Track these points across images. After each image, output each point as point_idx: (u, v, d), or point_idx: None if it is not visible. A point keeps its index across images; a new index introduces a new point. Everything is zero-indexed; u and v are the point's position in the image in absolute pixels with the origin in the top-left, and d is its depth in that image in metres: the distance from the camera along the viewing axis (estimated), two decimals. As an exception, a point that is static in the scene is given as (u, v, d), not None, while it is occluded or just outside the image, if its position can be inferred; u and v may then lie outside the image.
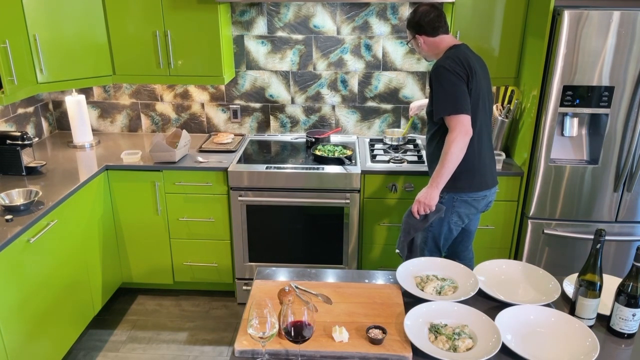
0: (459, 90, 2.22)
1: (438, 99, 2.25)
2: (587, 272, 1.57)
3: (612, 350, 1.54)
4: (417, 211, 2.31)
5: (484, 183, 2.39)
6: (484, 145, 2.37)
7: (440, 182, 2.25)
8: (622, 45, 2.48)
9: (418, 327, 1.57)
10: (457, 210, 2.38)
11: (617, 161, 2.68)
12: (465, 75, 2.23)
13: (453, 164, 2.22)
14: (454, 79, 2.22)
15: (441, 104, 2.24)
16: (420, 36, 2.37)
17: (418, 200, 2.30)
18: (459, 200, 2.36)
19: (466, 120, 2.21)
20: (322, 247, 3.02)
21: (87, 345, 2.88)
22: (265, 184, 2.90)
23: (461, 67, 2.23)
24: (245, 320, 1.59)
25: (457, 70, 2.22)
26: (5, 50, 2.53)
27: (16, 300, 2.22)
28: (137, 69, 3.06)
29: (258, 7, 3.21)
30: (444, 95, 2.23)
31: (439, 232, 2.42)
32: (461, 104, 2.21)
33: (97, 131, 3.57)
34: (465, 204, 2.38)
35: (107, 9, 2.94)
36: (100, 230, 2.92)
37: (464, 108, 2.21)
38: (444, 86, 2.23)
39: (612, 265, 2.86)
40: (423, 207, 2.29)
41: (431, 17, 2.33)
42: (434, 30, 2.34)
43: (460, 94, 2.22)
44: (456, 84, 2.22)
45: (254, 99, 3.44)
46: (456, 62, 2.24)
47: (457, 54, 2.28)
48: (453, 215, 2.39)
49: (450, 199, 2.36)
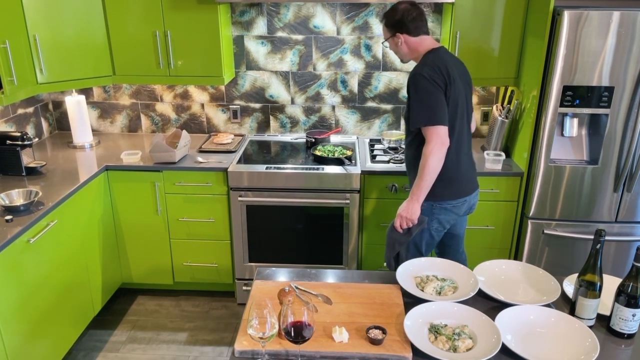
0: (436, 100, 2.16)
1: (415, 108, 2.19)
2: (587, 272, 1.57)
3: (612, 350, 1.54)
4: (400, 225, 2.28)
5: (462, 191, 2.36)
6: (462, 153, 2.33)
7: (420, 195, 2.21)
8: (622, 46, 2.49)
9: (418, 327, 1.57)
10: (437, 217, 2.35)
11: (617, 161, 2.68)
12: (443, 84, 2.17)
13: (432, 177, 2.18)
14: (431, 88, 2.16)
15: (418, 114, 2.18)
16: (401, 35, 2.27)
17: (400, 215, 2.26)
18: (438, 207, 2.33)
19: (443, 132, 2.16)
20: (322, 247, 3.02)
21: (87, 345, 2.88)
22: (265, 184, 2.90)
23: (439, 75, 2.17)
24: (245, 320, 1.59)
25: (435, 79, 2.16)
26: (5, 50, 2.53)
27: (16, 300, 2.22)
28: (137, 69, 3.06)
29: (258, 8, 3.21)
30: (421, 105, 2.17)
31: (419, 238, 2.39)
32: (438, 115, 2.15)
33: (97, 131, 3.57)
34: (444, 210, 2.35)
35: (107, 9, 2.94)
36: (100, 230, 2.92)
37: (441, 119, 2.15)
38: (421, 95, 2.17)
39: (612, 265, 2.86)
40: (405, 221, 2.26)
41: (414, 16, 2.24)
42: (415, 30, 2.26)
43: (437, 104, 2.16)
44: (434, 94, 2.16)
45: (254, 100, 3.44)
46: (434, 70, 2.17)
47: (435, 61, 2.20)
48: (433, 222, 2.36)
49: (429, 206, 2.32)
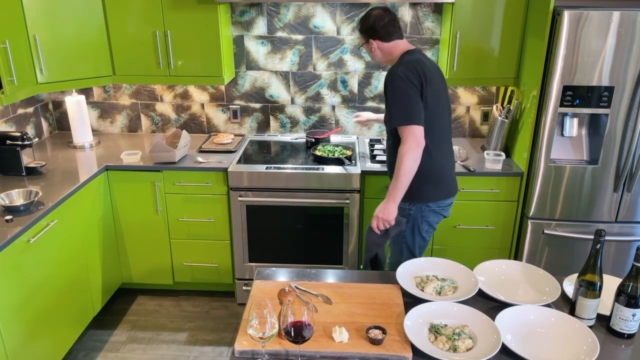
0: (412, 100, 2.15)
1: (392, 107, 2.19)
2: (587, 272, 1.57)
3: (612, 350, 1.54)
4: (377, 226, 2.25)
5: (449, 191, 2.36)
6: (443, 153, 2.33)
7: (397, 196, 2.19)
8: (622, 46, 2.49)
9: (418, 327, 1.57)
10: (427, 219, 2.35)
11: (617, 161, 2.68)
12: (419, 84, 2.16)
13: (408, 177, 2.16)
14: (406, 88, 2.15)
15: (394, 114, 2.18)
16: (374, 41, 2.29)
17: (376, 216, 2.24)
18: (428, 210, 2.33)
19: (418, 132, 2.14)
20: (322, 247, 3.02)
21: (87, 345, 2.88)
22: (265, 184, 2.90)
23: (415, 75, 2.16)
24: (245, 320, 1.59)
25: (411, 78, 2.15)
26: (5, 50, 2.53)
27: (16, 300, 2.22)
28: (137, 69, 3.06)
29: (258, 8, 3.21)
30: (397, 104, 2.17)
31: (412, 242, 2.39)
32: (413, 115, 2.14)
33: (97, 131, 3.57)
34: (434, 213, 2.35)
35: (107, 9, 2.94)
36: (100, 230, 2.92)
37: (416, 119, 2.14)
38: (397, 95, 2.17)
39: (612, 265, 2.86)
40: (382, 223, 2.23)
41: (385, 22, 2.26)
42: (387, 35, 2.27)
43: (412, 104, 2.15)
44: (409, 94, 2.15)
45: (253, 99, 3.44)
46: (410, 70, 2.16)
47: (411, 61, 2.20)
48: (423, 225, 2.36)
49: (418, 210, 2.32)
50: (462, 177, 2.87)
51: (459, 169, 2.88)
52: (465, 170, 2.87)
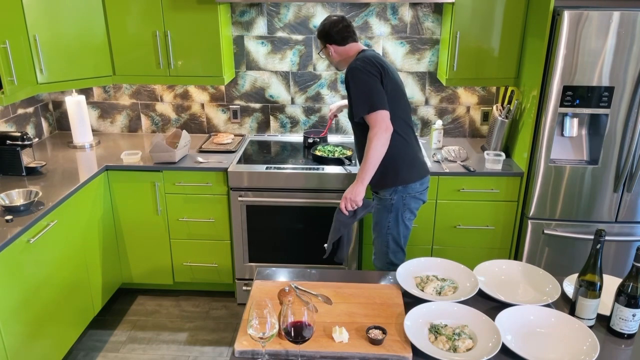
0: (374, 88, 2.27)
1: (355, 99, 2.30)
2: (587, 273, 1.57)
3: (612, 350, 1.54)
4: (345, 207, 2.35)
5: (424, 171, 2.47)
6: (411, 136, 2.45)
7: (365, 177, 2.30)
8: (622, 46, 2.49)
9: (418, 327, 1.57)
10: (409, 207, 2.45)
11: (617, 161, 2.68)
12: (378, 73, 2.28)
13: (377, 159, 2.27)
14: (367, 78, 2.27)
15: (359, 104, 2.28)
16: (330, 45, 2.45)
17: (345, 197, 2.35)
18: (408, 196, 2.43)
19: (386, 116, 2.26)
20: (322, 247, 3.02)
21: (87, 345, 2.88)
22: (265, 184, 2.90)
23: (372, 66, 2.29)
24: (245, 320, 1.59)
25: (369, 69, 2.28)
26: (5, 50, 2.53)
27: (16, 300, 2.22)
28: (137, 70, 3.06)
29: (258, 8, 3.21)
30: (360, 95, 2.28)
31: (397, 232, 2.48)
32: (378, 101, 2.26)
33: (97, 131, 3.57)
34: (414, 199, 2.46)
35: (107, 9, 2.94)
36: (100, 230, 2.92)
37: (381, 104, 2.26)
38: (359, 86, 2.28)
39: (612, 265, 2.86)
40: (350, 203, 2.34)
41: (339, 28, 2.42)
42: (342, 40, 2.44)
43: (376, 92, 2.27)
44: (370, 83, 2.27)
45: (253, 100, 3.44)
46: (367, 63, 2.30)
47: (367, 56, 2.34)
48: (406, 212, 2.46)
49: (399, 198, 2.42)
50: (462, 177, 2.87)
51: (459, 169, 2.88)
52: (465, 170, 2.88)
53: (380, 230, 2.50)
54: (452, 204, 2.92)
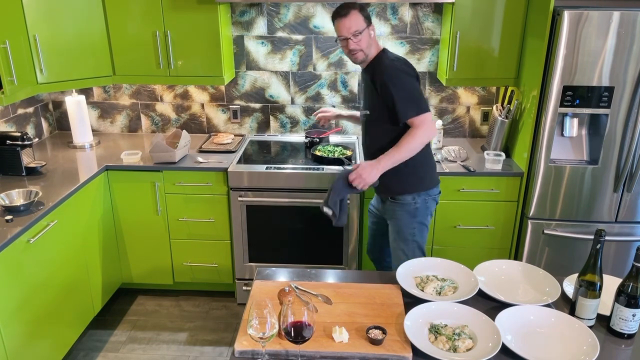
0: (418, 89, 2.23)
1: (400, 100, 2.18)
2: (587, 273, 1.57)
3: (612, 350, 1.54)
4: (353, 181, 2.24)
5: (437, 176, 2.48)
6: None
7: (387, 165, 2.21)
8: (622, 46, 2.48)
9: (418, 327, 1.57)
10: (430, 210, 2.44)
11: (617, 161, 2.68)
12: (414, 75, 2.25)
13: (409, 154, 2.21)
14: (410, 79, 2.23)
15: (407, 106, 2.18)
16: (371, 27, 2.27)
17: (360, 175, 2.21)
18: (430, 200, 2.41)
19: (431, 119, 2.22)
20: (322, 247, 3.02)
21: (87, 345, 2.88)
22: (265, 185, 2.90)
23: (409, 66, 2.24)
24: (245, 320, 1.59)
25: (408, 70, 2.23)
26: (5, 50, 2.53)
27: (16, 300, 2.22)
28: (137, 70, 3.06)
29: (258, 8, 3.21)
30: (407, 96, 2.19)
31: (422, 239, 2.45)
32: (425, 103, 2.23)
33: (97, 131, 3.57)
34: (434, 202, 2.46)
35: (107, 9, 2.94)
36: (100, 230, 2.92)
37: (427, 106, 2.23)
38: (406, 86, 2.20)
39: (612, 266, 2.86)
40: (362, 184, 2.23)
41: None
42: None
43: (420, 93, 2.24)
44: (415, 84, 2.23)
45: (253, 100, 3.44)
46: (404, 62, 2.24)
47: (397, 56, 2.27)
48: (428, 216, 2.44)
49: (423, 202, 2.38)
50: (462, 177, 2.87)
51: (459, 169, 2.88)
52: (465, 170, 2.87)
53: (405, 237, 2.41)
54: (452, 204, 2.92)
